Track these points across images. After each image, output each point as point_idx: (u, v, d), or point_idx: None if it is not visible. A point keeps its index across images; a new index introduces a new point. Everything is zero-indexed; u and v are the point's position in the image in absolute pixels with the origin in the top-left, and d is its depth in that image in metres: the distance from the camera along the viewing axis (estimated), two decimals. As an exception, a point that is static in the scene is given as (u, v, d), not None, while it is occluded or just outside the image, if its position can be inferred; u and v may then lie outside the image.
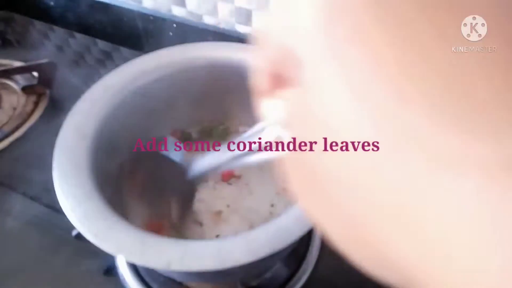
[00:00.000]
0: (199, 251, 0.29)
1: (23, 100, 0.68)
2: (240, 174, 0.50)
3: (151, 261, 0.29)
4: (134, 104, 0.45)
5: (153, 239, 0.30)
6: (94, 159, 0.38)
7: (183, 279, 0.45)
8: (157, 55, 0.47)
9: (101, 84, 0.43)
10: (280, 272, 0.46)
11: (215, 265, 0.29)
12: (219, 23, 0.70)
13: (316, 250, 0.49)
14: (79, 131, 0.38)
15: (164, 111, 0.50)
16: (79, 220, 0.31)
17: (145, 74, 0.45)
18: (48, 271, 0.48)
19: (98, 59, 0.79)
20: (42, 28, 0.87)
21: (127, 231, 0.31)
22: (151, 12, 0.74)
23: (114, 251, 0.30)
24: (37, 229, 0.51)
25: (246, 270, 0.39)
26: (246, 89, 0.50)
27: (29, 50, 0.82)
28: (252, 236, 0.30)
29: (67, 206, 0.32)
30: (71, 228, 0.38)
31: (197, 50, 0.48)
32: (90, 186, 0.34)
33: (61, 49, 0.82)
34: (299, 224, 0.31)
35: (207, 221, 0.46)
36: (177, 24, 0.72)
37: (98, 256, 0.48)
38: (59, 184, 0.34)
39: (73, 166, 0.35)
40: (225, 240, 0.30)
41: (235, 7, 0.65)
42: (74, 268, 0.47)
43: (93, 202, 0.33)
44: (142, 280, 0.46)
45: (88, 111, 0.40)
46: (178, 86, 0.48)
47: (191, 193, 0.45)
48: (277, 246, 0.29)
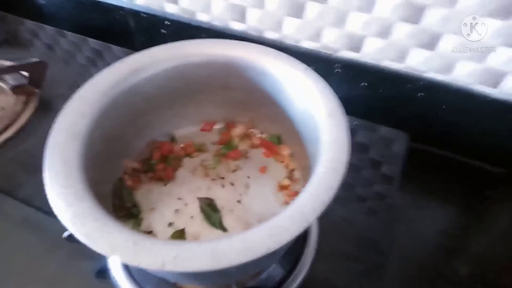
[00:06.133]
0: (193, 251, 0.29)
1: (13, 100, 0.67)
2: (238, 172, 0.50)
3: (145, 262, 0.28)
4: (126, 103, 0.45)
5: (146, 239, 0.30)
6: (86, 159, 0.37)
7: (177, 280, 0.44)
8: (149, 53, 0.46)
9: (92, 83, 0.42)
10: (276, 273, 0.46)
11: (209, 265, 0.28)
12: (213, 20, 0.69)
13: (311, 250, 0.48)
14: (70, 131, 0.37)
15: (157, 110, 0.50)
16: (70, 221, 0.31)
17: (137, 72, 0.44)
18: (39, 274, 0.47)
19: (89, 58, 0.78)
20: (32, 27, 0.86)
21: (119, 231, 0.30)
22: (143, 9, 0.73)
23: (106, 252, 0.29)
24: (28, 231, 0.50)
25: (241, 271, 0.39)
26: (242, 87, 0.50)
27: (19, 49, 0.81)
28: (247, 236, 0.30)
29: (58, 207, 0.31)
30: (63, 230, 0.38)
31: (190, 47, 0.47)
32: (82, 186, 0.33)
33: (51, 48, 0.81)
34: (294, 223, 0.30)
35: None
36: (170, 21, 0.72)
37: (91, 258, 0.48)
38: (50, 185, 0.33)
39: (64, 166, 0.34)
40: (220, 240, 0.30)
41: (229, 3, 0.65)
42: (66, 271, 0.47)
43: (84, 202, 0.32)
44: (135, 282, 0.45)
45: (79, 111, 0.39)
46: (172, 85, 0.48)
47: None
48: (273, 246, 0.29)
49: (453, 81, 0.57)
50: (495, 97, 0.55)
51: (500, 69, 0.53)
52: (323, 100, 0.41)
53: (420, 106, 0.61)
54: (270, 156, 0.52)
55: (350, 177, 0.58)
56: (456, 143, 0.63)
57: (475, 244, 0.51)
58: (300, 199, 0.32)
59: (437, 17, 0.51)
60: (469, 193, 0.57)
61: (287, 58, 0.45)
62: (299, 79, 0.43)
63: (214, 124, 0.56)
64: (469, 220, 0.54)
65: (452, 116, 0.60)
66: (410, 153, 0.60)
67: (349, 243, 0.50)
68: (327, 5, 0.57)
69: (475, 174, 0.60)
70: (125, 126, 0.46)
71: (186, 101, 0.51)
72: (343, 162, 0.35)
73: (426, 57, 0.56)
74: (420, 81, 0.58)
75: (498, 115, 0.56)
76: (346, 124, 0.38)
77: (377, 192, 0.56)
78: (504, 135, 0.58)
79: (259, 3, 0.62)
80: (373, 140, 0.63)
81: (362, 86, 0.63)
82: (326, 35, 0.61)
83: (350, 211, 0.54)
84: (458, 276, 0.48)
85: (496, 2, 0.47)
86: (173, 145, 0.52)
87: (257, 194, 0.48)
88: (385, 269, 0.48)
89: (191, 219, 0.45)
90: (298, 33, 0.63)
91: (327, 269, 0.47)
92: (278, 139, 0.53)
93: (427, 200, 0.56)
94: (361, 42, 0.59)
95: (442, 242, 0.51)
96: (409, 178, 0.57)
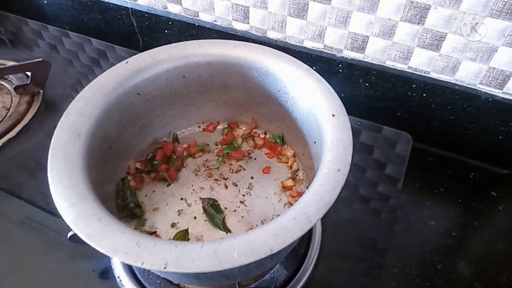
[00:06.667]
0: (196, 252, 0.29)
1: (16, 100, 0.67)
2: (241, 173, 0.50)
3: (147, 262, 0.28)
4: (129, 103, 0.45)
5: (149, 239, 0.29)
6: (89, 159, 0.37)
7: (181, 281, 0.44)
8: (151, 54, 0.46)
9: (95, 84, 0.42)
10: (279, 274, 0.45)
11: (212, 267, 0.28)
12: (216, 20, 0.69)
13: (315, 251, 0.48)
14: (73, 131, 0.37)
15: (159, 110, 0.50)
16: (73, 221, 0.30)
17: (140, 73, 0.44)
18: (42, 274, 0.47)
19: (92, 58, 0.78)
20: (35, 27, 0.86)
21: (122, 232, 0.30)
22: (146, 9, 0.73)
23: (109, 252, 0.29)
24: (31, 231, 0.50)
25: (245, 272, 0.38)
26: (244, 87, 0.50)
27: (22, 50, 0.81)
28: (251, 237, 0.29)
29: (62, 207, 0.31)
30: (66, 230, 0.38)
31: (192, 48, 0.47)
32: (85, 186, 0.33)
33: (54, 48, 0.81)
34: (298, 224, 0.30)
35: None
36: (173, 21, 0.72)
37: (94, 258, 0.48)
38: (53, 185, 0.33)
39: (68, 166, 0.34)
40: (223, 240, 0.29)
41: (231, 3, 0.65)
42: (69, 271, 0.47)
43: (87, 202, 0.32)
44: (138, 282, 0.45)
45: (83, 111, 0.39)
46: (174, 85, 0.48)
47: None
48: (276, 247, 0.29)
49: (458, 82, 0.57)
50: (499, 98, 0.55)
51: (504, 70, 0.52)
52: (326, 100, 0.40)
53: (424, 107, 0.61)
54: (273, 157, 0.52)
55: (353, 177, 0.58)
56: (458, 143, 0.62)
57: (474, 243, 0.51)
58: (304, 199, 0.32)
59: (441, 18, 0.51)
60: (469, 193, 0.57)
61: (289, 59, 0.45)
62: (302, 79, 0.43)
63: (217, 125, 0.55)
64: (469, 219, 0.54)
65: (456, 117, 0.59)
66: (413, 154, 0.60)
67: (353, 244, 0.50)
68: (330, 5, 0.57)
69: (475, 174, 0.59)
70: (128, 126, 0.46)
71: (188, 101, 0.51)
72: (347, 163, 0.34)
73: (430, 58, 0.56)
74: (424, 82, 0.58)
75: (501, 116, 0.56)
76: (349, 125, 0.38)
77: (381, 193, 0.56)
78: (506, 135, 0.58)
79: (262, 3, 0.62)
80: (376, 140, 0.63)
81: (365, 86, 0.63)
82: (329, 35, 0.61)
83: (353, 211, 0.53)
84: (458, 274, 0.48)
85: (500, 3, 0.47)
86: (176, 145, 0.52)
87: (260, 195, 0.48)
88: (387, 268, 0.48)
89: (194, 219, 0.45)
90: (301, 33, 0.63)
91: (330, 270, 0.47)
92: (281, 139, 0.52)
93: (427, 200, 0.56)
94: (364, 43, 0.59)
95: (441, 241, 0.51)
96: (409, 178, 0.57)
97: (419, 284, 0.47)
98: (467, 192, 0.57)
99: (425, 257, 0.50)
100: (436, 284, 0.47)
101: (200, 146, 0.52)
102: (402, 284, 0.47)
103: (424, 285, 0.47)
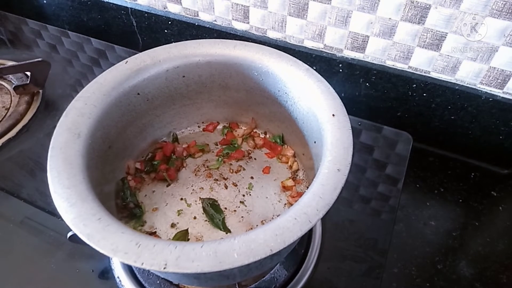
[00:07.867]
0: (196, 252, 0.29)
1: (16, 100, 0.67)
2: (241, 173, 0.50)
3: (147, 263, 0.28)
4: (129, 103, 0.45)
5: (149, 240, 0.29)
6: (89, 159, 0.37)
7: (180, 281, 0.44)
8: (151, 53, 0.46)
9: (95, 83, 0.42)
10: (280, 274, 0.45)
11: (212, 267, 0.28)
12: (216, 19, 0.69)
13: (315, 252, 0.48)
14: (73, 131, 0.37)
15: (159, 110, 0.49)
16: (73, 222, 0.30)
17: (139, 72, 0.44)
18: (42, 274, 0.47)
19: (92, 58, 0.78)
20: (35, 27, 0.86)
21: (122, 232, 0.30)
22: (146, 9, 0.73)
23: (109, 252, 0.29)
24: (31, 231, 0.50)
25: (245, 272, 0.38)
26: (244, 87, 0.50)
27: (22, 49, 0.81)
28: (250, 237, 0.29)
29: (61, 207, 0.31)
30: (66, 230, 0.38)
31: (192, 47, 0.47)
32: (85, 186, 0.33)
33: (54, 48, 0.81)
34: (298, 224, 0.30)
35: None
36: (173, 21, 0.72)
37: (93, 258, 0.48)
38: (53, 185, 0.33)
39: (68, 166, 0.34)
40: (223, 241, 0.29)
41: (231, 3, 0.65)
42: (69, 271, 0.47)
43: (87, 203, 0.32)
44: (138, 283, 0.45)
45: (82, 111, 0.39)
46: (173, 85, 0.48)
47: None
48: (276, 247, 0.29)
49: (458, 82, 0.57)
50: (499, 98, 0.55)
51: (504, 70, 0.52)
52: (326, 100, 0.40)
53: (424, 107, 0.61)
54: (273, 157, 0.52)
55: (353, 177, 0.58)
56: (458, 143, 0.62)
57: (475, 243, 0.51)
58: (304, 199, 0.32)
59: (442, 18, 0.51)
60: (469, 193, 0.57)
61: (290, 59, 0.45)
62: (302, 79, 0.43)
63: (217, 125, 0.55)
64: (469, 219, 0.54)
65: (456, 117, 0.59)
66: (413, 154, 0.60)
67: (353, 244, 0.50)
68: (330, 5, 0.57)
69: (476, 174, 0.59)
70: (128, 126, 0.46)
71: (188, 101, 0.51)
72: (347, 163, 0.34)
73: (430, 58, 0.56)
74: (424, 82, 0.58)
75: (502, 115, 0.56)
76: (349, 125, 0.38)
77: (381, 193, 0.55)
78: (506, 135, 0.58)
79: (262, 3, 0.62)
80: (376, 140, 0.63)
81: (366, 86, 0.63)
82: (329, 35, 0.60)
83: (354, 211, 0.53)
84: (458, 275, 0.48)
85: (501, 2, 0.47)
86: (175, 145, 0.52)
87: (260, 195, 0.48)
88: (387, 268, 0.47)
89: (194, 219, 0.45)
90: (301, 33, 0.63)
91: (330, 270, 0.47)
92: (281, 139, 0.52)
93: (427, 200, 0.56)
94: (364, 42, 0.59)
95: (441, 241, 0.51)
96: (409, 178, 0.57)
97: (419, 284, 0.47)
98: (467, 192, 0.57)
99: (425, 257, 0.50)
100: (436, 284, 0.47)
101: (200, 146, 0.52)
102: (402, 284, 0.47)
103: (424, 285, 0.47)
